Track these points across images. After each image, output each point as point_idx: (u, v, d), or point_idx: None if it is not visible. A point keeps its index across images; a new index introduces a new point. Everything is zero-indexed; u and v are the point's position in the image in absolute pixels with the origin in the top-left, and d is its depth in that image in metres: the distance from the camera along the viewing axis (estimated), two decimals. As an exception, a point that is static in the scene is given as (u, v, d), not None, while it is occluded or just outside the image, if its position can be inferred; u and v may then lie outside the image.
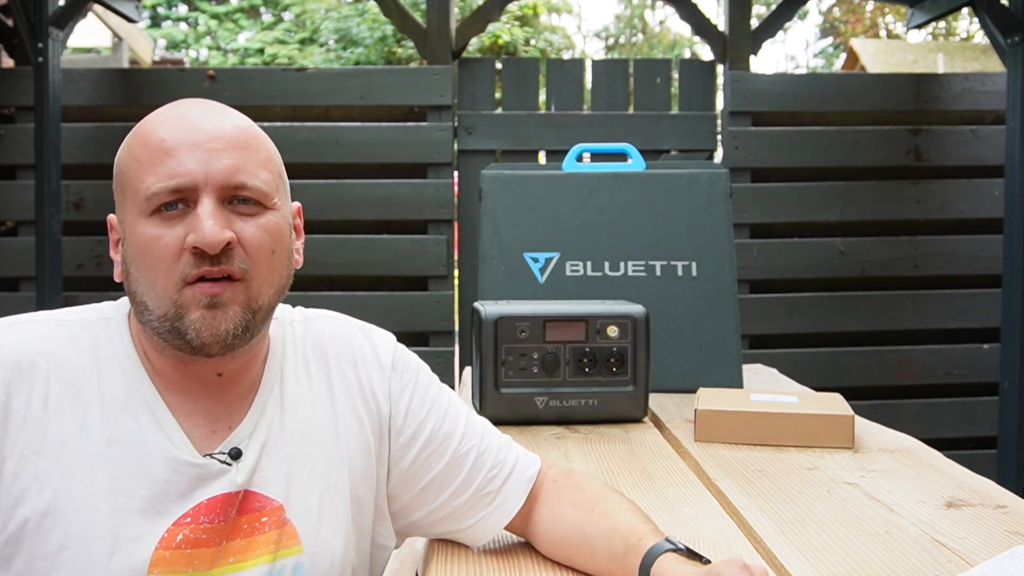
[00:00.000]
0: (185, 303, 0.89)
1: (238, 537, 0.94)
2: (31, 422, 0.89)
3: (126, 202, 0.92)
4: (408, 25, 3.49)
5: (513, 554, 1.04)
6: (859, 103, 3.49)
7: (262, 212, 0.92)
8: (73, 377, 0.91)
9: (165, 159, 0.88)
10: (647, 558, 0.89)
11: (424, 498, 1.05)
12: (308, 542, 0.97)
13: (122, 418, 0.91)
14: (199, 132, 0.90)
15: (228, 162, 0.89)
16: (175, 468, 0.91)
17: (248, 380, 0.99)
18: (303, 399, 1.01)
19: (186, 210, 0.89)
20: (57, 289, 3.17)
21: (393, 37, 12.52)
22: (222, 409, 0.96)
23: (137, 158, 0.90)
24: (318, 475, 0.99)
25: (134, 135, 0.93)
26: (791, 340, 3.45)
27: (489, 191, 1.94)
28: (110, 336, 0.95)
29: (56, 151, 3.17)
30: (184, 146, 0.89)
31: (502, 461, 1.06)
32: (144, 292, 0.90)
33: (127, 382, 0.93)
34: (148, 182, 0.88)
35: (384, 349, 1.07)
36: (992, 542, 1.02)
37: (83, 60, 9.71)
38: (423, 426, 1.05)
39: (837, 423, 1.44)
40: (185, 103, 0.95)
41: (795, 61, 24.12)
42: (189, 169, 0.88)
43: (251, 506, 0.95)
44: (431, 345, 3.37)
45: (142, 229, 0.89)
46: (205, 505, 0.92)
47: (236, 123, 0.93)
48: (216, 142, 0.90)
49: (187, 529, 0.91)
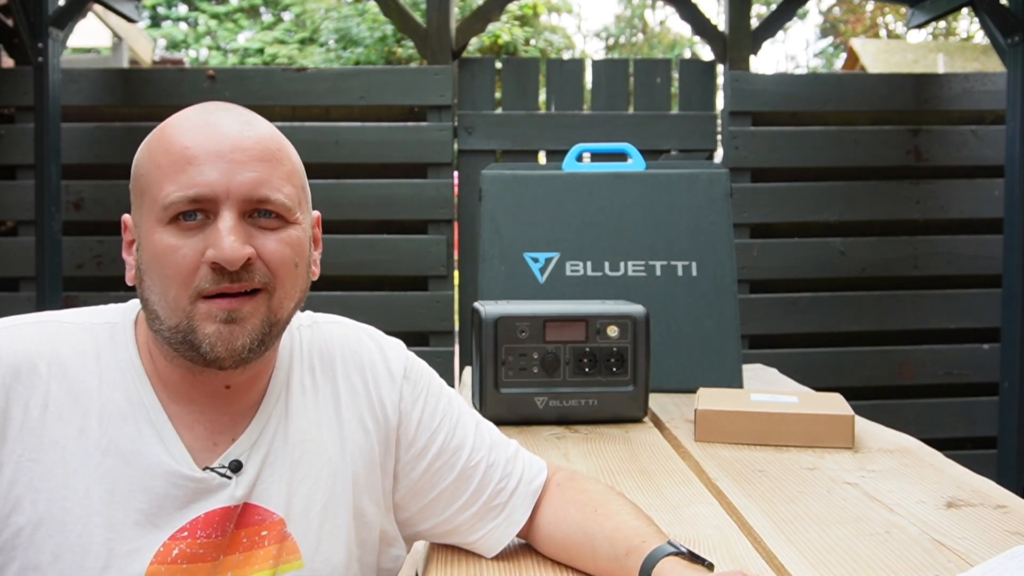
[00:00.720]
0: (199, 316, 0.86)
1: (236, 551, 0.92)
2: (29, 428, 0.87)
3: (144, 206, 0.89)
4: (408, 25, 3.49)
5: (513, 554, 1.04)
6: (859, 103, 3.49)
7: (284, 227, 0.89)
8: (74, 383, 0.89)
9: (187, 168, 0.85)
10: (648, 560, 0.89)
11: (432, 510, 1.03)
12: (309, 557, 0.95)
13: (122, 428, 0.89)
14: (223, 141, 0.87)
15: (251, 175, 0.86)
16: (173, 482, 0.89)
17: (255, 392, 0.96)
18: (307, 410, 0.99)
19: (205, 221, 0.86)
20: (57, 289, 3.17)
21: (393, 37, 12.51)
22: (227, 420, 0.94)
23: (158, 163, 0.87)
24: (321, 488, 0.97)
25: (157, 138, 0.90)
26: (791, 340, 3.45)
27: (489, 191, 1.94)
28: (114, 342, 0.93)
29: (56, 151, 3.17)
30: (207, 155, 0.86)
31: (510, 473, 1.04)
32: (156, 301, 0.87)
33: (128, 391, 0.91)
34: (168, 190, 0.85)
35: (395, 358, 1.05)
36: (992, 542, 1.02)
37: (83, 60, 9.71)
38: (434, 438, 1.03)
39: (837, 423, 1.44)
40: (213, 108, 0.91)
41: (795, 61, 24.17)
42: (210, 180, 0.85)
43: (251, 520, 0.93)
44: (431, 345, 3.37)
45: (159, 237, 0.86)
46: (203, 519, 0.90)
47: (262, 133, 0.90)
48: (240, 153, 0.87)
49: (184, 543, 0.89)
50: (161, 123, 0.91)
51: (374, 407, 1.02)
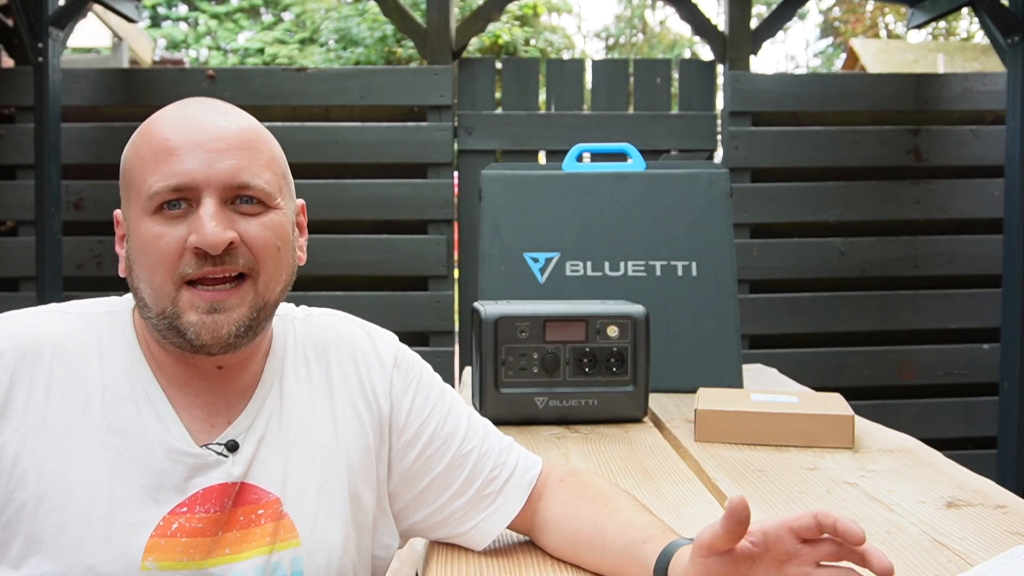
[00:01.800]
0: (183, 304, 0.90)
1: (234, 528, 0.94)
2: (32, 409, 0.90)
3: (131, 199, 0.93)
4: (408, 25, 3.49)
5: (514, 553, 1.04)
6: (859, 103, 3.49)
7: (265, 211, 0.93)
8: (76, 367, 0.93)
9: (168, 158, 0.89)
10: (671, 546, 0.88)
11: (425, 498, 1.05)
12: (306, 536, 0.97)
13: (123, 408, 0.93)
14: (202, 132, 0.91)
15: (231, 163, 0.90)
16: (172, 457, 0.92)
17: (248, 375, 0.99)
18: (302, 395, 1.02)
19: (188, 210, 0.90)
20: (57, 289, 3.17)
21: (393, 37, 12.51)
22: (222, 403, 0.97)
23: (141, 156, 0.92)
24: (316, 470, 0.99)
25: (140, 133, 0.94)
26: (791, 340, 3.45)
27: (489, 191, 1.94)
28: (114, 329, 0.97)
29: (56, 151, 3.17)
30: (187, 146, 0.90)
31: (503, 463, 1.06)
32: (144, 289, 0.92)
33: (129, 374, 0.94)
34: (151, 181, 0.90)
35: (386, 348, 1.07)
36: (992, 542, 1.02)
37: (83, 60, 9.71)
38: (425, 425, 1.05)
39: (837, 423, 1.44)
40: (191, 102, 0.95)
41: (795, 61, 24.14)
42: (190, 169, 0.89)
43: (247, 498, 0.95)
44: (431, 345, 3.37)
45: (144, 227, 0.90)
46: (201, 495, 0.93)
47: (240, 123, 0.94)
48: (219, 142, 0.91)
49: (183, 518, 0.91)
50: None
51: (367, 395, 1.04)
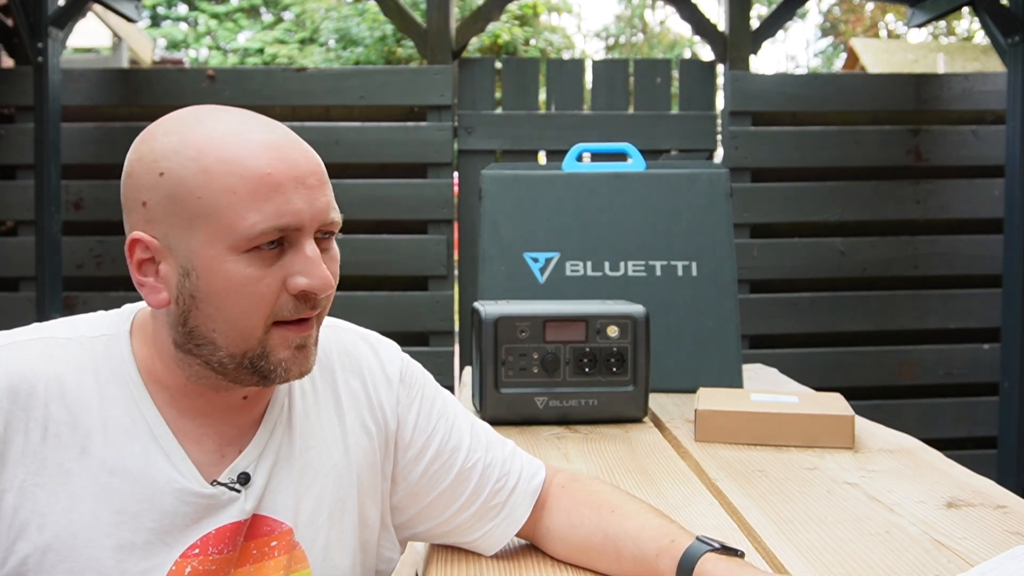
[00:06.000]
0: (273, 344, 0.86)
1: (247, 563, 0.91)
2: (30, 453, 0.84)
3: (200, 231, 0.83)
4: (408, 25, 3.49)
5: (513, 554, 1.04)
6: (859, 103, 3.49)
7: (331, 242, 0.90)
8: (74, 402, 0.87)
9: (272, 196, 0.83)
10: (686, 560, 0.88)
11: (430, 512, 1.03)
12: (316, 564, 0.95)
13: (127, 446, 0.87)
14: (297, 167, 0.85)
15: (324, 200, 0.86)
16: (183, 499, 0.88)
17: (265, 400, 0.96)
18: (310, 415, 0.98)
19: (281, 249, 0.85)
20: (57, 289, 3.17)
21: (393, 37, 12.52)
22: (235, 432, 0.93)
23: (232, 189, 0.82)
24: (328, 495, 0.96)
25: (216, 159, 0.83)
26: (791, 340, 3.45)
27: (489, 191, 1.94)
28: (110, 356, 0.90)
29: (56, 151, 3.17)
30: (290, 182, 0.84)
31: (507, 472, 1.04)
32: (217, 329, 0.85)
33: (130, 407, 0.88)
34: (252, 219, 0.82)
35: (391, 362, 1.05)
36: (992, 542, 1.02)
37: (83, 60, 9.72)
38: (431, 440, 1.03)
39: (837, 423, 1.44)
40: (249, 122, 0.87)
41: (795, 61, 24.16)
42: (298, 209, 0.84)
43: (260, 531, 0.92)
44: (431, 345, 3.37)
45: (232, 266, 0.83)
46: (214, 535, 0.89)
47: (314, 153, 0.89)
48: (313, 177, 0.86)
49: (195, 560, 0.88)
50: (183, 135, 0.85)
51: (375, 411, 1.02)
